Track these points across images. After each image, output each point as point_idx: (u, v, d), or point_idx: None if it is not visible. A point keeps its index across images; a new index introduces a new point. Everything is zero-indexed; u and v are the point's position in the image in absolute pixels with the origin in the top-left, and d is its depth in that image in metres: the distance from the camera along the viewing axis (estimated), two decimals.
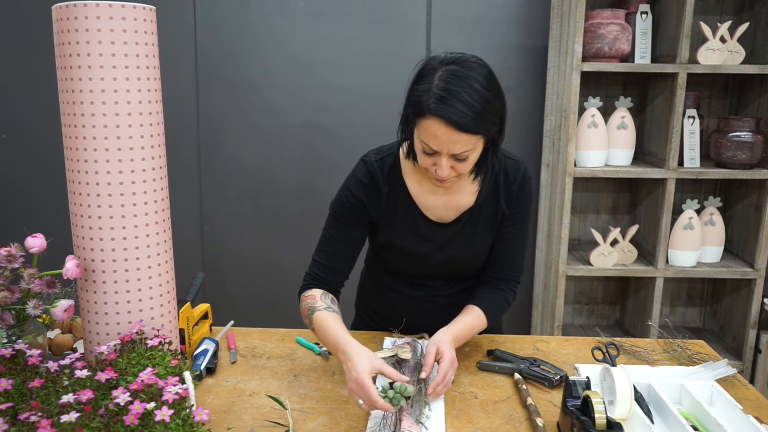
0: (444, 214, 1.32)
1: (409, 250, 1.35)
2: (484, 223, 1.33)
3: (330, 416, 1.13)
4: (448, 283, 1.43)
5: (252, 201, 2.64)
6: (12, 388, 0.92)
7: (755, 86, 2.38)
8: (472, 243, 1.34)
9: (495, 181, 1.30)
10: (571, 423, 1.02)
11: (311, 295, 1.30)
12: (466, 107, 1.07)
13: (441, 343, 1.18)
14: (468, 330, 1.28)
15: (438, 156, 1.14)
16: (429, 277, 1.42)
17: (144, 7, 1.03)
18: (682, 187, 2.56)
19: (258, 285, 2.70)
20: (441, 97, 1.08)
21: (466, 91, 1.08)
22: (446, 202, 1.32)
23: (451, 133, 1.09)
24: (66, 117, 1.04)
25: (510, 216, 1.32)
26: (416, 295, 1.44)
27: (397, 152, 1.32)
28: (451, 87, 1.08)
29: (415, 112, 1.13)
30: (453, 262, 1.37)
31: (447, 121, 1.08)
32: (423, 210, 1.32)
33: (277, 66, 2.53)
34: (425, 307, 1.44)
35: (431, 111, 1.09)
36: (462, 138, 1.10)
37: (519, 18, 2.49)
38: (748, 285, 2.37)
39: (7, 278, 1.06)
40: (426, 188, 1.31)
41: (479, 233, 1.33)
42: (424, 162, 1.18)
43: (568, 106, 2.22)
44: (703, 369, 1.24)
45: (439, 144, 1.12)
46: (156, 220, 1.09)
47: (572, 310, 2.74)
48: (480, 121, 1.09)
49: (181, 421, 0.85)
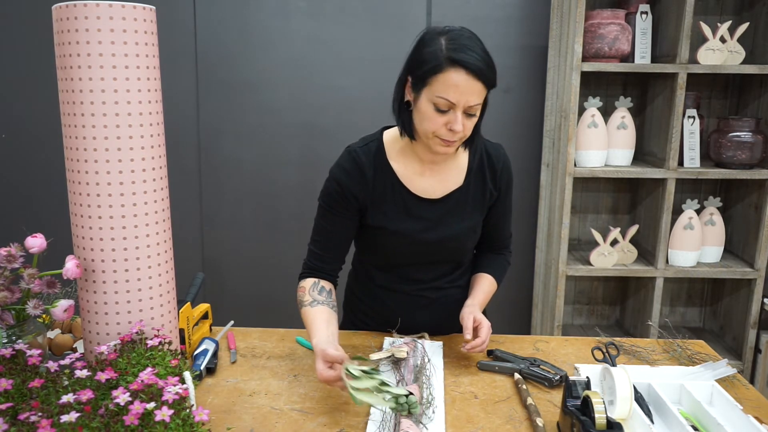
0: (432, 193, 1.36)
1: (402, 232, 1.35)
2: (473, 202, 1.38)
3: (330, 416, 1.13)
4: (439, 276, 1.44)
5: (252, 201, 2.64)
6: (12, 388, 0.92)
7: (755, 86, 2.39)
8: (462, 221, 1.37)
9: (480, 161, 1.37)
10: (571, 423, 1.02)
11: (302, 287, 1.36)
12: (481, 56, 1.17)
13: (476, 312, 1.31)
14: (487, 296, 1.43)
15: (453, 112, 1.19)
16: (420, 267, 1.42)
17: (144, 7, 1.03)
18: (682, 187, 2.56)
19: (258, 285, 2.70)
20: (457, 48, 1.16)
21: (476, 45, 1.18)
22: (434, 184, 1.35)
23: (470, 81, 1.16)
24: (66, 117, 1.04)
25: (499, 197, 1.41)
26: (406, 290, 1.44)
27: (380, 138, 1.37)
28: (463, 42, 1.17)
29: (429, 71, 1.17)
30: (446, 242, 1.37)
31: (468, 67, 1.15)
32: (411, 190, 1.35)
33: (276, 66, 2.53)
34: (416, 303, 1.44)
35: (451, 60, 1.15)
36: (478, 87, 1.17)
37: (519, 18, 2.49)
38: (748, 285, 2.37)
39: (7, 278, 1.06)
40: (413, 170, 1.35)
41: (469, 212, 1.38)
42: (435, 123, 1.20)
43: (568, 106, 2.22)
44: (703, 369, 1.24)
45: (458, 94, 1.17)
46: (156, 220, 1.09)
47: (572, 310, 2.74)
48: (492, 73, 1.19)
49: (181, 421, 0.85)
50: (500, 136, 2.50)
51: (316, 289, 1.34)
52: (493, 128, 2.45)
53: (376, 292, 1.47)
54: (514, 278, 2.68)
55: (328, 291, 1.36)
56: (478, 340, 1.27)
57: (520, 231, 2.64)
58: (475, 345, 1.27)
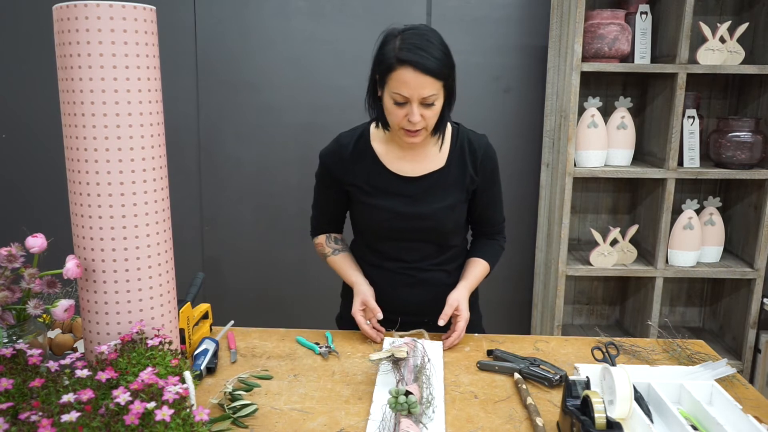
0: (411, 172, 1.46)
1: (381, 207, 1.45)
2: (453, 183, 1.46)
3: (330, 416, 1.13)
4: (422, 258, 1.51)
5: (252, 201, 2.64)
6: (12, 387, 0.92)
7: (755, 86, 2.39)
8: (441, 200, 1.45)
9: (461, 148, 1.47)
10: (571, 423, 1.02)
11: (319, 242, 1.60)
12: (427, 53, 1.26)
13: (461, 301, 1.43)
14: (477, 280, 1.52)
15: (409, 105, 1.30)
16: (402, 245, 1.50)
17: (144, 7, 1.03)
18: (682, 187, 2.56)
19: (258, 285, 2.70)
20: (406, 48, 1.27)
21: (425, 43, 1.27)
22: (413, 165, 1.45)
23: (419, 77, 1.26)
24: (66, 117, 1.04)
25: (482, 183, 1.48)
26: (391, 268, 1.52)
27: (367, 126, 1.50)
28: (413, 41, 1.27)
29: (385, 69, 1.30)
30: (424, 219, 1.45)
31: (414, 65, 1.25)
32: (391, 169, 1.46)
33: (276, 66, 2.53)
34: (402, 281, 1.52)
35: (400, 60, 1.26)
36: (428, 81, 1.27)
37: (519, 18, 2.49)
38: (747, 285, 2.37)
39: (8, 278, 1.06)
40: (393, 153, 1.46)
41: (450, 192, 1.45)
42: (396, 116, 1.33)
43: (568, 106, 2.22)
44: (702, 369, 1.25)
45: (410, 90, 1.28)
46: (156, 220, 1.09)
47: (572, 310, 2.74)
48: (441, 66, 1.27)
49: (181, 421, 0.86)
50: (500, 136, 2.51)
51: (331, 240, 1.58)
52: (493, 128, 2.46)
53: (367, 271, 1.55)
54: (514, 278, 2.68)
55: (341, 239, 1.61)
56: (453, 335, 1.40)
57: (520, 231, 2.65)
58: (451, 342, 1.40)
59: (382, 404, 1.12)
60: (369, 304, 1.43)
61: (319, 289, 2.68)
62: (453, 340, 1.41)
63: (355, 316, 1.43)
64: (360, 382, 1.26)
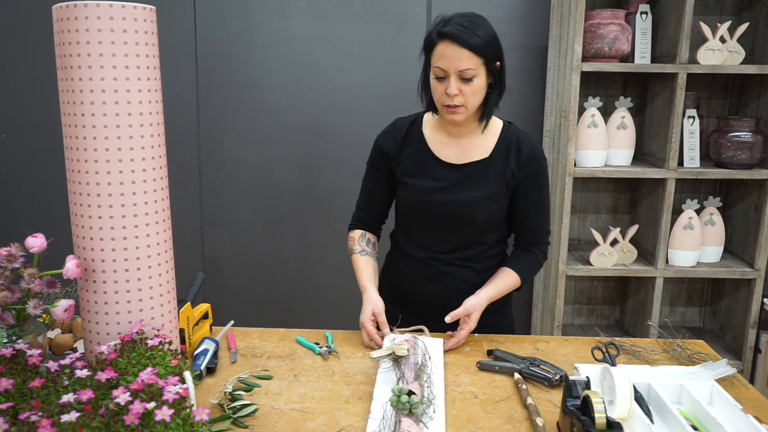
0: (455, 159, 1.48)
1: (419, 187, 1.48)
2: (494, 175, 1.46)
3: (330, 416, 1.13)
4: (450, 250, 1.52)
5: (252, 201, 2.64)
6: (12, 387, 0.92)
7: (755, 86, 2.39)
8: (479, 190, 1.45)
9: (508, 143, 1.47)
10: (571, 423, 1.02)
11: (352, 237, 1.61)
12: (467, 30, 1.31)
13: (476, 310, 1.41)
14: (500, 291, 1.49)
15: (448, 79, 1.34)
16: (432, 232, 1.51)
17: (144, 7, 1.03)
18: (682, 187, 2.56)
19: (258, 285, 2.70)
20: (443, 23, 1.33)
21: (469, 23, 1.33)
22: (457, 152, 1.48)
23: (455, 49, 1.31)
24: (66, 117, 1.04)
25: (524, 180, 1.47)
26: (420, 257, 1.54)
27: (423, 112, 1.54)
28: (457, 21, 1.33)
29: (428, 47, 1.36)
30: (458, 206, 1.45)
31: (452, 37, 1.30)
32: (436, 154, 1.48)
33: (277, 66, 2.53)
34: (426, 272, 1.54)
35: (440, 33, 1.32)
36: (465, 54, 1.31)
37: (519, 18, 2.49)
38: (747, 285, 2.37)
39: (8, 278, 1.06)
40: (441, 139, 1.49)
41: (488, 184, 1.46)
42: (437, 92, 1.37)
43: (568, 106, 2.22)
44: (702, 369, 1.25)
45: (447, 62, 1.32)
46: (156, 220, 1.09)
47: (572, 310, 2.74)
48: (479, 42, 1.31)
49: (181, 421, 0.85)
50: None
51: (363, 240, 1.60)
52: None
53: (397, 258, 1.60)
54: None
55: (373, 243, 1.62)
56: (452, 340, 1.41)
57: None
58: (450, 346, 1.41)
59: (383, 402, 1.12)
60: (380, 318, 1.42)
61: (319, 289, 2.68)
62: (450, 345, 1.41)
63: (365, 324, 1.42)
64: (360, 382, 1.26)
